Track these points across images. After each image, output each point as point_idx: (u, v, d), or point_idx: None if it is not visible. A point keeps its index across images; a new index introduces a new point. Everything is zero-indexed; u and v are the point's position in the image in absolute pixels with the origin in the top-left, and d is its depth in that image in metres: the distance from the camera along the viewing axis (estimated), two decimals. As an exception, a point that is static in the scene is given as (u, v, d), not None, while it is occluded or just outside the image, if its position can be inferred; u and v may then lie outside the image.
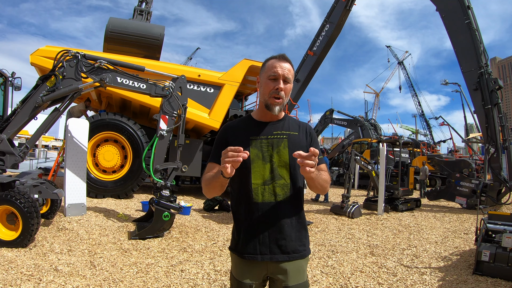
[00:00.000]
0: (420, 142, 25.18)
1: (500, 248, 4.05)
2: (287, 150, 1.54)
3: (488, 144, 9.97)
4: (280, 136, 1.57)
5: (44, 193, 4.79)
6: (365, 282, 3.78)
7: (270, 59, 1.59)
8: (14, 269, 3.51)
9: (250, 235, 1.53)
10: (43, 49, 8.23)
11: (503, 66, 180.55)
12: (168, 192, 5.36)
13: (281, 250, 1.50)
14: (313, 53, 15.04)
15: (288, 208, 1.54)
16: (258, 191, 1.52)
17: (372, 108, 64.99)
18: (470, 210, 9.67)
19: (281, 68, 1.52)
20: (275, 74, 1.52)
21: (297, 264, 1.53)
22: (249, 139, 1.56)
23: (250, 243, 1.52)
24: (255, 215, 1.52)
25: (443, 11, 10.74)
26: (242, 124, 1.65)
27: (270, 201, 1.52)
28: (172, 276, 3.65)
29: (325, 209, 9.08)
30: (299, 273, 1.54)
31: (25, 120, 5.03)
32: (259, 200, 1.52)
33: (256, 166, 1.53)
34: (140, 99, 8.42)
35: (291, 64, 1.57)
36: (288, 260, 1.51)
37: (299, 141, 1.60)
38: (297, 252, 1.53)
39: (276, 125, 1.61)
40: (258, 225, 1.52)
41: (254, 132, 1.58)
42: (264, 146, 1.55)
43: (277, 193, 1.52)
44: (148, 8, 12.37)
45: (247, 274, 1.54)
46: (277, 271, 1.52)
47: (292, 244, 1.53)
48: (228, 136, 1.61)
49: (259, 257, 1.51)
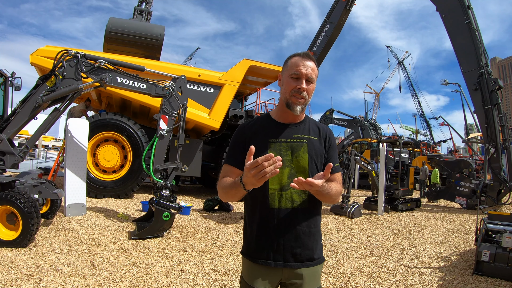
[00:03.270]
0: (420, 142, 25.19)
1: (500, 248, 4.05)
2: (306, 155, 1.48)
3: (488, 144, 9.97)
4: (300, 140, 1.50)
5: (44, 193, 4.79)
6: (365, 282, 3.78)
7: (293, 56, 1.51)
8: (14, 269, 3.51)
9: (265, 241, 1.47)
10: (43, 49, 8.23)
11: (503, 66, 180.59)
12: (168, 192, 5.36)
13: (295, 258, 1.46)
14: (313, 53, 15.04)
15: (305, 216, 1.49)
16: (275, 197, 1.46)
17: (372, 108, 64.96)
18: (470, 210, 9.67)
19: (304, 67, 1.45)
20: (298, 73, 1.45)
21: (313, 270, 1.50)
22: (268, 142, 1.49)
23: (264, 249, 1.47)
24: (271, 221, 1.46)
25: (443, 11, 10.74)
26: (260, 124, 1.56)
27: (287, 207, 1.46)
28: (172, 276, 3.65)
29: (325, 209, 9.08)
30: (315, 279, 1.51)
31: (25, 120, 5.03)
32: (275, 206, 1.46)
33: None
34: (140, 99, 8.42)
35: (315, 63, 1.49)
36: (303, 267, 1.48)
37: (319, 145, 1.53)
38: (311, 260, 1.50)
39: (297, 127, 1.53)
40: (274, 232, 1.46)
41: (273, 134, 1.50)
42: (283, 149, 1.48)
43: (295, 200, 1.47)
44: (148, 8, 12.37)
45: (259, 279, 1.48)
46: (292, 276, 1.48)
47: (307, 252, 1.49)
48: (245, 137, 1.52)
49: (272, 263, 1.46)
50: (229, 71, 9.54)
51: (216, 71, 9.68)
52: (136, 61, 8.00)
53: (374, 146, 20.57)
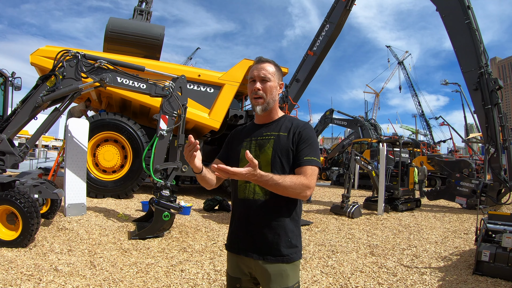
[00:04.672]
0: (420, 142, 25.19)
1: (500, 248, 4.05)
2: (271, 150, 1.55)
3: (488, 144, 9.97)
4: (268, 137, 1.59)
5: (44, 193, 4.79)
6: (365, 282, 3.78)
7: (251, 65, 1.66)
8: (14, 269, 3.51)
9: (233, 230, 1.63)
10: (43, 49, 8.23)
11: (503, 66, 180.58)
12: (168, 192, 5.36)
13: (256, 249, 1.52)
14: (313, 53, 15.03)
15: (266, 209, 1.52)
16: (241, 188, 1.59)
17: (372, 108, 64.98)
18: (470, 210, 9.67)
19: (257, 70, 1.59)
20: (252, 76, 1.60)
21: (279, 268, 1.49)
22: (243, 141, 1.65)
23: (233, 238, 1.62)
24: (238, 211, 1.60)
25: (443, 11, 10.74)
26: (245, 128, 1.75)
27: (249, 198, 1.55)
28: (172, 276, 3.65)
29: (325, 209, 9.08)
30: (282, 278, 1.49)
31: (25, 120, 5.03)
32: (240, 196, 1.59)
33: (243, 164, 1.50)
34: (140, 99, 8.43)
35: (270, 63, 1.61)
36: (263, 260, 1.49)
37: (286, 141, 1.55)
38: (273, 256, 1.49)
39: (268, 126, 1.64)
40: (239, 221, 1.59)
41: (249, 134, 1.67)
42: (253, 146, 1.60)
43: (256, 191, 1.54)
44: (148, 8, 12.36)
45: (233, 267, 1.61)
46: (257, 270, 1.52)
47: (268, 246, 1.50)
48: (231, 139, 1.75)
49: (236, 251, 1.58)
50: (229, 71, 9.55)
51: (216, 71, 9.69)
52: (136, 61, 8.00)
53: (374, 146, 20.57)
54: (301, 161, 1.50)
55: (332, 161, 26.48)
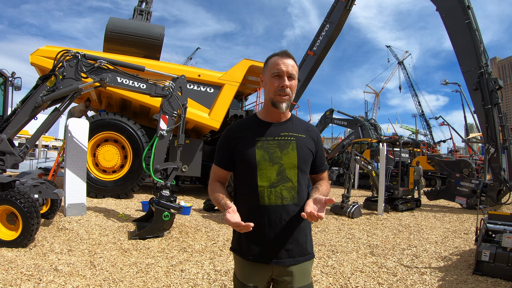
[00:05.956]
0: (420, 142, 25.19)
1: (500, 248, 4.05)
2: (295, 152, 1.51)
3: (488, 144, 9.96)
4: (288, 138, 1.53)
5: (44, 193, 4.79)
6: (365, 282, 3.78)
7: (272, 56, 1.55)
8: (14, 269, 3.51)
9: (256, 238, 1.49)
10: (43, 49, 8.23)
11: (503, 66, 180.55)
12: (168, 192, 5.36)
13: (288, 254, 1.49)
14: (313, 53, 15.01)
15: (295, 212, 1.50)
16: (264, 194, 1.48)
17: (372, 108, 65.04)
18: (470, 210, 9.67)
19: (284, 65, 1.48)
20: (279, 71, 1.48)
21: (303, 267, 1.52)
22: (255, 140, 1.51)
23: (256, 246, 1.49)
24: (262, 218, 1.48)
25: (443, 11, 10.73)
26: (246, 124, 1.59)
27: (277, 204, 1.48)
28: (172, 276, 3.65)
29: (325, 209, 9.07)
30: (304, 276, 1.52)
31: (25, 120, 5.03)
32: (265, 203, 1.48)
33: (262, 167, 1.49)
34: (140, 99, 8.42)
35: (294, 60, 1.53)
36: (294, 263, 1.49)
37: (307, 143, 1.57)
38: (302, 256, 1.52)
39: (283, 126, 1.56)
40: (265, 229, 1.48)
41: (259, 133, 1.53)
42: (271, 147, 1.50)
43: (284, 196, 1.48)
44: (148, 8, 12.36)
45: (251, 276, 1.51)
46: (282, 273, 1.50)
47: (299, 248, 1.51)
48: (230, 139, 1.56)
49: (264, 260, 1.48)
50: (229, 71, 9.54)
51: (216, 71, 9.68)
52: (136, 61, 7.99)
53: (374, 146, 20.56)
54: (323, 167, 1.68)
55: (332, 161, 26.48)
